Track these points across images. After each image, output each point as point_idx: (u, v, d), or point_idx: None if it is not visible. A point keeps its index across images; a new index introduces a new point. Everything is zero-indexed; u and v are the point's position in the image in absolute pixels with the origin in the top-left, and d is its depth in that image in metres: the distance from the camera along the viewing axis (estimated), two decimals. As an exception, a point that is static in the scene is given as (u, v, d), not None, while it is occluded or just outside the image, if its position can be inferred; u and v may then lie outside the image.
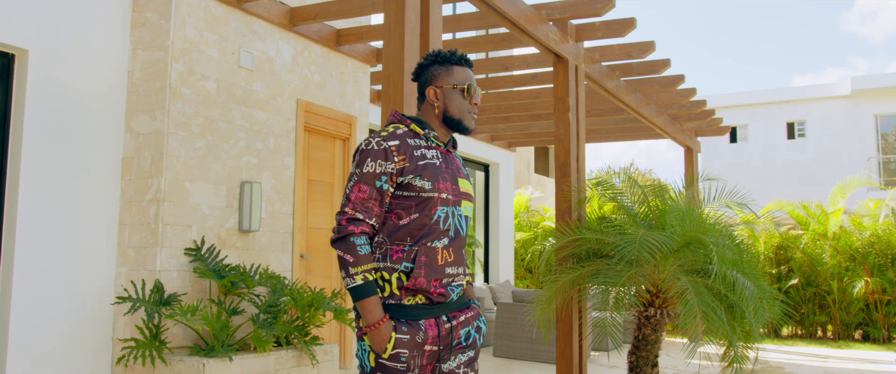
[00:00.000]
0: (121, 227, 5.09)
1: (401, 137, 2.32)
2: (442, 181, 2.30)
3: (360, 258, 2.23)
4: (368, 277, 2.23)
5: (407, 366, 2.22)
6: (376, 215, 2.29)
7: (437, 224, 2.28)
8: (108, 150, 5.08)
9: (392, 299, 2.26)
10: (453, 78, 2.40)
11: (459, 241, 2.36)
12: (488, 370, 7.38)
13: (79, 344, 4.82)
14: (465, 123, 2.41)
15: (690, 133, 10.18)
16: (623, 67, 7.14)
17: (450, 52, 2.44)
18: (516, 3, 5.09)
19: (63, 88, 4.80)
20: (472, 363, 2.39)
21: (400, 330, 2.22)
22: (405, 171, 2.26)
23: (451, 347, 2.32)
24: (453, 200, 2.34)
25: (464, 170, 2.51)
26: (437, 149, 2.38)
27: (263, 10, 5.73)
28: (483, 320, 2.47)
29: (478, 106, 2.46)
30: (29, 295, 4.57)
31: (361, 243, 2.24)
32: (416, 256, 2.24)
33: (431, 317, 2.28)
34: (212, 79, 5.30)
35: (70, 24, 4.85)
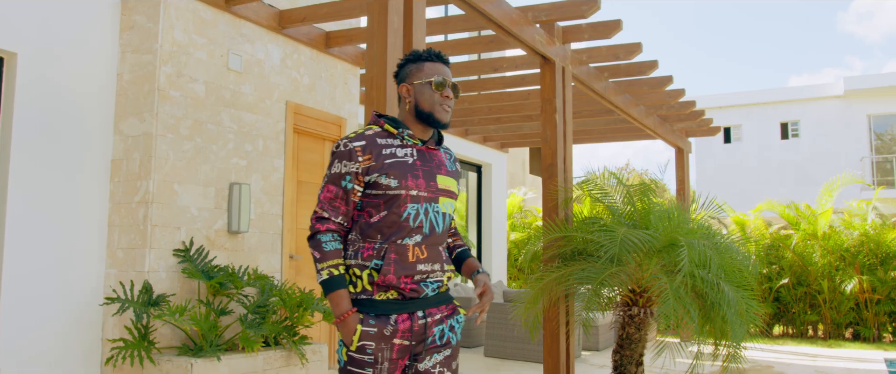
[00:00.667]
0: (110, 228, 5.13)
1: (369, 137, 2.36)
2: (411, 179, 2.33)
3: (326, 255, 2.30)
4: (334, 272, 2.29)
5: (374, 359, 2.26)
6: (343, 213, 2.34)
7: (406, 221, 2.31)
8: (97, 152, 5.12)
9: (364, 295, 2.31)
10: (423, 73, 2.44)
11: (435, 238, 2.38)
12: (479, 369, 7.42)
13: (69, 345, 4.86)
14: (437, 115, 2.41)
15: (681, 134, 10.24)
16: (611, 69, 7.20)
17: (424, 51, 2.48)
18: (501, 5, 5.14)
19: (52, 90, 4.85)
20: (448, 363, 2.41)
21: (367, 323, 2.27)
22: (371, 169, 2.30)
23: (425, 344, 2.35)
24: (427, 197, 2.35)
25: (450, 167, 2.51)
26: (412, 147, 2.40)
27: (252, 13, 5.77)
28: (459, 317, 2.47)
29: (451, 100, 2.44)
30: (18, 297, 4.60)
31: (327, 240, 2.31)
32: (385, 253, 2.28)
33: (404, 312, 2.31)
34: (200, 81, 5.35)
35: (59, 28, 4.89)
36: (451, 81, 2.46)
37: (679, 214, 4.92)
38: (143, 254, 4.93)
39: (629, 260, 4.61)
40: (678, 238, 4.42)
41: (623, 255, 4.40)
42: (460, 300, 9.11)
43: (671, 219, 4.81)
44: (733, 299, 4.41)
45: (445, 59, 2.49)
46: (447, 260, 2.45)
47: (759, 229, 11.29)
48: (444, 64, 2.48)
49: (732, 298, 4.41)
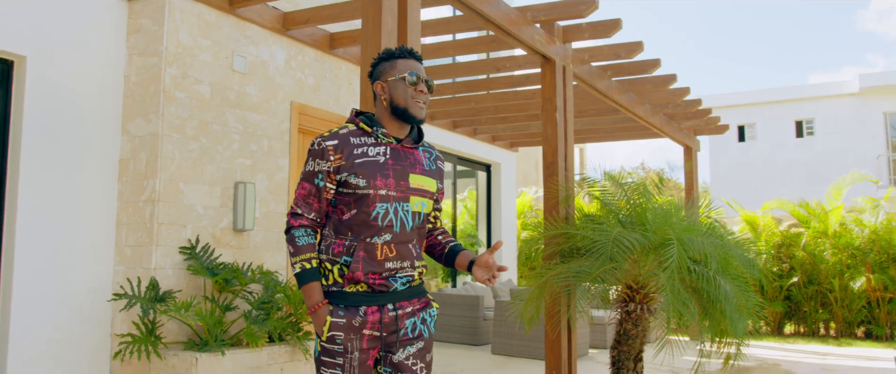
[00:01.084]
0: (118, 226, 5.26)
1: (343, 136, 2.42)
2: (381, 178, 2.37)
3: (300, 249, 2.39)
4: (307, 265, 2.37)
5: (344, 348, 2.33)
6: (316, 210, 2.42)
7: (375, 220, 2.36)
8: (106, 152, 5.25)
9: (335, 287, 2.39)
10: (396, 70, 2.47)
11: (404, 236, 2.42)
12: (485, 366, 7.49)
13: (79, 340, 4.99)
14: (411, 111, 2.44)
15: (689, 132, 10.24)
16: (614, 68, 7.24)
17: (398, 48, 2.53)
18: (499, 6, 5.21)
19: (61, 92, 4.98)
20: (422, 355, 2.46)
21: (336, 314, 2.34)
22: (341, 169, 2.37)
23: (397, 335, 2.41)
24: (397, 196, 2.40)
25: (427, 165, 2.53)
26: (386, 145, 2.45)
27: (256, 15, 5.89)
28: (432, 311, 2.53)
29: (425, 95, 2.47)
30: (29, 293, 4.74)
31: (300, 235, 2.40)
32: (354, 250, 2.35)
33: (374, 305, 2.37)
34: (205, 83, 5.47)
35: (67, 32, 5.03)
36: (425, 77, 2.49)
37: (675, 211, 4.96)
38: (150, 251, 5.06)
39: (625, 257, 4.66)
40: (670, 235, 4.46)
41: (617, 252, 4.45)
42: (470, 299, 9.18)
43: (667, 217, 4.85)
44: (731, 293, 4.44)
45: (418, 55, 2.53)
46: (418, 257, 2.49)
47: (769, 226, 11.25)
48: (417, 60, 2.52)
49: (730, 292, 4.44)
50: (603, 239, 4.49)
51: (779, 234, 11.15)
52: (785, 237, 11.13)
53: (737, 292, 4.52)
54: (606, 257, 4.45)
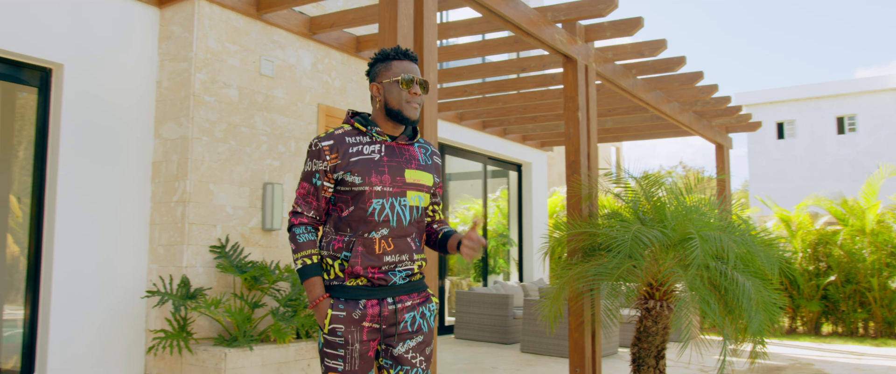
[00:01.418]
0: (151, 226, 5.46)
1: (338, 136, 2.50)
2: (375, 175, 2.44)
3: (301, 246, 2.49)
4: (307, 261, 2.47)
5: (345, 341, 2.42)
6: (315, 208, 2.52)
7: (372, 216, 2.43)
8: (140, 155, 5.46)
9: (336, 281, 2.48)
10: (391, 72, 2.52)
11: (402, 230, 2.48)
12: (514, 365, 7.55)
13: (115, 335, 5.20)
14: (405, 112, 2.50)
15: (720, 130, 10.14)
16: (639, 66, 7.23)
17: (393, 49, 2.58)
18: (518, 7, 5.27)
19: (97, 98, 5.20)
20: (422, 348, 2.54)
21: (336, 307, 2.43)
22: (338, 168, 2.46)
23: (396, 328, 2.49)
24: (393, 191, 2.46)
25: (423, 160, 2.59)
26: (381, 143, 2.53)
27: (283, 20, 6.04)
28: (432, 306, 2.60)
29: (419, 96, 2.52)
30: (69, 291, 4.96)
31: (301, 233, 2.50)
32: (353, 246, 2.44)
33: (374, 298, 2.46)
34: (234, 86, 5.64)
35: (103, 40, 5.24)
36: (419, 78, 2.54)
37: (694, 209, 4.96)
38: (181, 250, 5.24)
39: (644, 254, 4.68)
40: (690, 232, 4.47)
41: (637, 250, 4.48)
42: (499, 298, 9.24)
43: (687, 214, 4.85)
44: (750, 291, 4.43)
45: (414, 56, 2.59)
46: (417, 250, 2.56)
47: (804, 225, 11.07)
48: (412, 61, 2.57)
49: (749, 290, 4.43)
50: (622, 236, 4.52)
51: (815, 232, 10.96)
52: (821, 235, 10.94)
53: (758, 289, 4.50)
54: (625, 254, 4.48)
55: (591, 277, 4.80)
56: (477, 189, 11.73)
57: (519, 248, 12.15)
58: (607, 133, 10.81)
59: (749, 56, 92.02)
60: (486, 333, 9.28)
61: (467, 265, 13.35)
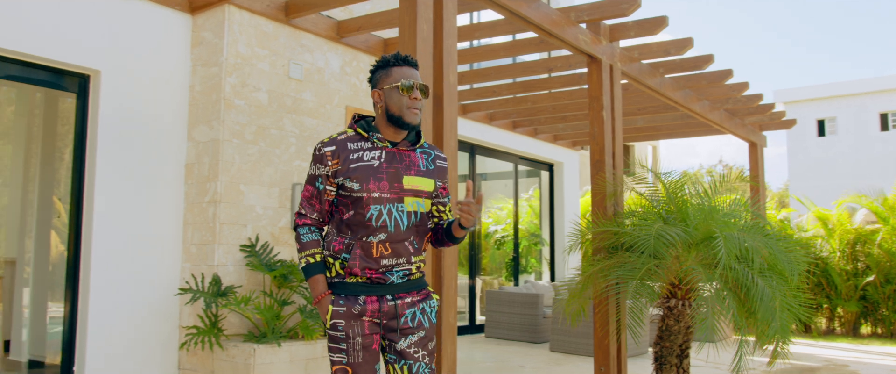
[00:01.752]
0: (185, 226, 5.64)
1: (340, 142, 2.57)
2: (374, 182, 2.51)
3: (305, 245, 2.60)
4: (311, 260, 2.58)
5: (345, 334, 2.52)
6: (318, 210, 2.62)
7: (370, 221, 2.51)
8: (174, 157, 5.64)
9: (337, 278, 2.58)
10: (391, 78, 2.58)
11: (399, 235, 2.55)
12: (540, 363, 7.58)
13: (151, 332, 5.39)
14: (406, 118, 2.55)
15: (754, 128, 10.02)
16: (667, 65, 7.21)
17: (394, 55, 2.64)
18: (540, 8, 5.31)
19: (133, 103, 5.39)
20: (424, 343, 2.62)
21: (337, 303, 2.54)
22: (338, 173, 2.54)
23: (398, 324, 2.58)
24: (391, 198, 2.53)
25: (424, 166, 2.64)
26: (382, 149, 2.57)
27: (311, 24, 6.18)
28: (432, 302, 2.68)
29: (420, 101, 2.57)
30: (106, 289, 5.16)
31: (305, 233, 2.61)
32: (352, 248, 2.54)
33: (373, 295, 2.55)
34: (263, 90, 5.79)
35: (138, 47, 5.43)
36: (420, 83, 2.59)
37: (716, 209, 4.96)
38: (213, 249, 5.41)
39: (667, 254, 4.69)
40: (713, 231, 4.47)
41: (660, 248, 4.50)
42: (529, 298, 9.27)
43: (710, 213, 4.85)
44: (766, 291, 4.41)
45: (414, 62, 2.64)
46: (415, 252, 2.62)
47: (842, 223, 10.86)
48: (413, 67, 2.63)
49: (765, 290, 4.42)
50: (644, 235, 4.54)
51: (852, 231, 10.75)
52: (859, 234, 10.72)
53: (778, 290, 4.48)
54: (647, 253, 4.50)
55: (614, 275, 4.83)
56: (510, 189, 11.77)
57: (551, 247, 12.16)
58: (639, 132, 10.76)
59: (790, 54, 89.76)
60: (516, 332, 9.32)
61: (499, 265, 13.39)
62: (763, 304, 4.44)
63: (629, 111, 9.41)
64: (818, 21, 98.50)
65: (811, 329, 10.91)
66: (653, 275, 4.80)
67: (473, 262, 10.48)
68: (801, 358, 8.38)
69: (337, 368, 2.56)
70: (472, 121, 9.82)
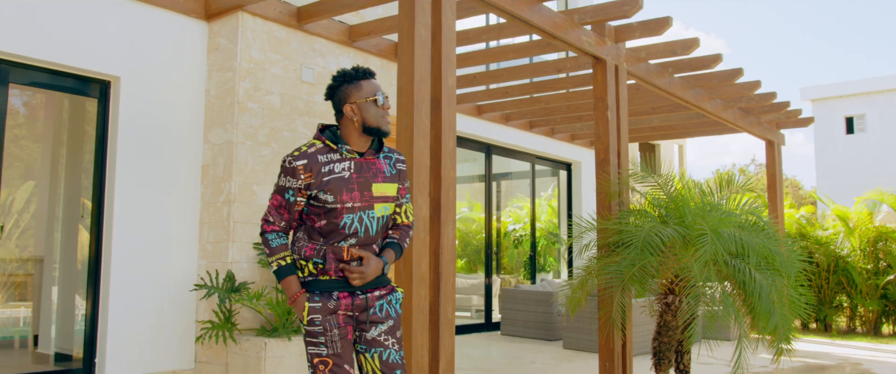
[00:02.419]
0: (201, 225, 5.87)
1: (311, 155, 2.70)
2: (346, 193, 2.68)
3: (274, 250, 2.75)
4: (282, 263, 2.74)
5: (323, 329, 2.69)
6: (286, 219, 2.77)
7: (343, 229, 2.69)
8: (191, 159, 5.88)
9: (310, 277, 2.75)
10: (364, 92, 2.73)
11: (368, 239, 2.74)
12: (551, 359, 7.70)
13: (169, 326, 5.63)
14: (383, 128, 2.74)
15: (770, 126, 10.00)
16: (676, 64, 7.27)
17: (354, 70, 2.80)
18: (542, 11, 5.44)
19: (152, 107, 5.63)
20: (392, 332, 2.81)
21: (313, 300, 2.70)
22: (311, 186, 2.68)
23: (367, 316, 2.76)
24: (361, 206, 2.71)
25: (389, 172, 2.81)
26: (350, 160, 2.73)
27: (323, 29, 6.38)
28: (397, 295, 2.86)
29: (389, 109, 2.78)
30: (126, 286, 5.41)
31: (273, 238, 2.76)
32: (325, 253, 2.71)
33: (346, 291, 2.73)
34: (276, 94, 6.00)
35: (156, 53, 5.68)
36: (386, 94, 2.80)
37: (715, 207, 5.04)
38: (227, 247, 5.63)
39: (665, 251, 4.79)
40: (703, 228, 4.56)
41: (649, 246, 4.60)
42: (544, 295, 9.37)
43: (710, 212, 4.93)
44: (766, 288, 4.49)
45: (373, 73, 2.82)
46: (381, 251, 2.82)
47: (863, 221, 10.77)
48: (375, 78, 2.81)
49: (764, 286, 4.49)
50: (636, 233, 4.65)
51: (873, 229, 10.66)
52: (880, 232, 10.63)
53: (773, 285, 4.55)
54: (638, 249, 4.61)
55: (611, 271, 4.94)
56: (528, 189, 11.88)
57: (569, 246, 12.23)
58: (655, 131, 10.80)
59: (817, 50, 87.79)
60: (531, 329, 9.44)
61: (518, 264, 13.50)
62: (759, 299, 4.51)
63: (643, 111, 9.47)
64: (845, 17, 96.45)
65: (831, 328, 10.85)
66: (647, 272, 4.90)
67: (490, 261, 10.61)
68: (816, 356, 8.37)
69: (317, 360, 2.72)
70: (487, 121, 9.95)
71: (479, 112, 9.74)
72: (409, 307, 4.07)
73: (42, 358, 6.20)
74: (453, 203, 4.41)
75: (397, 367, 2.80)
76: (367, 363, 2.78)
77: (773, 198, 9.98)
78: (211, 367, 5.61)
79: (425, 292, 4.16)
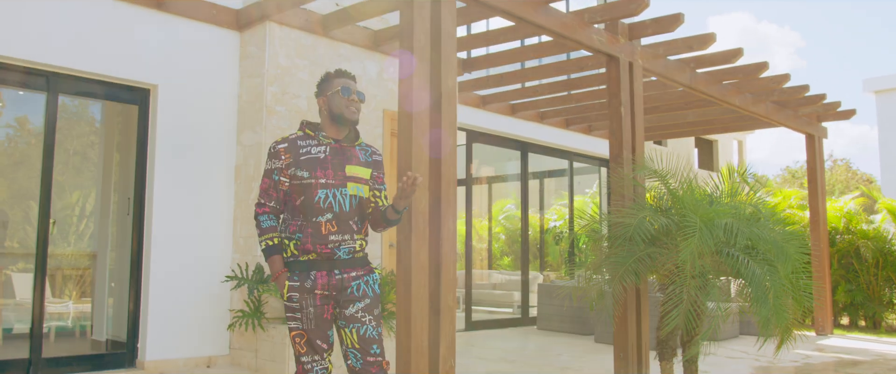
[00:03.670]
0: (234, 221, 6.30)
1: (292, 140, 3.12)
2: (320, 170, 3.02)
3: (264, 230, 3.10)
4: (269, 242, 3.08)
5: (299, 305, 3.02)
6: (275, 198, 3.12)
7: (318, 203, 3.01)
8: (225, 160, 6.32)
9: (292, 258, 3.07)
10: (332, 86, 3.14)
11: (343, 215, 3.04)
12: (579, 353, 7.85)
13: (205, 315, 6.07)
14: (346, 115, 3.11)
15: (810, 119, 9.86)
16: (698, 60, 7.32)
17: (333, 71, 3.23)
18: (550, 13, 5.63)
19: (188, 113, 6.09)
20: (370, 309, 3.10)
21: (292, 279, 3.03)
22: (290, 165, 3.06)
23: (345, 295, 3.05)
24: (335, 183, 3.03)
25: (363, 158, 3.17)
26: (326, 145, 3.10)
27: (348, 35, 6.73)
28: (374, 276, 3.16)
29: (356, 103, 3.14)
30: (166, 278, 5.88)
31: (264, 219, 3.11)
32: (304, 229, 3.02)
33: (322, 270, 3.03)
34: (303, 97, 6.38)
35: (192, 62, 6.13)
36: (356, 89, 3.16)
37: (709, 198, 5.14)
38: (256, 242, 6.03)
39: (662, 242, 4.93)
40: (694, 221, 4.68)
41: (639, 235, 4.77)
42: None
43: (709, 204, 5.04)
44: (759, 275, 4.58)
45: (351, 74, 3.21)
46: (358, 231, 3.11)
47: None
48: (349, 78, 3.19)
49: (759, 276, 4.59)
50: (630, 224, 4.81)
51: (922, 223, 10.38)
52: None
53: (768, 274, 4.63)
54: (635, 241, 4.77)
55: (611, 263, 5.11)
56: (566, 186, 12.00)
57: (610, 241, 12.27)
58: (692, 127, 10.77)
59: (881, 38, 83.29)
60: (566, 324, 9.59)
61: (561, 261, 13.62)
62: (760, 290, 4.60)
63: (677, 106, 9.50)
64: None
65: (880, 325, 10.60)
66: (644, 263, 5.04)
67: (526, 257, 10.80)
68: (852, 352, 8.25)
69: (294, 333, 3.07)
70: (522, 120, 10.14)
71: (512, 111, 9.95)
72: (408, 295, 4.35)
73: (97, 345, 6.75)
74: (454, 198, 4.67)
75: (374, 342, 3.08)
76: (347, 337, 3.08)
77: (813, 192, 9.85)
78: (243, 353, 6.03)
79: (424, 280, 4.43)
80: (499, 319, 10.48)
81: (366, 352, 3.04)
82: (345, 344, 3.09)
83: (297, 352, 3.08)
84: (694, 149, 21.22)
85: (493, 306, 11.83)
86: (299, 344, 3.06)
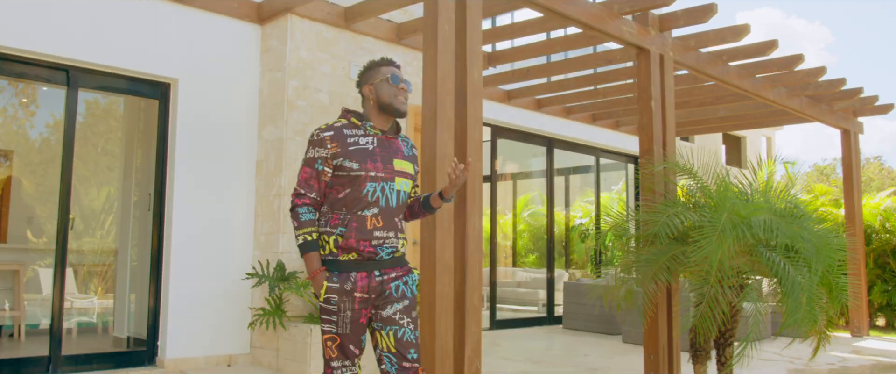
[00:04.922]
0: (255, 218, 6.21)
1: (337, 128, 2.91)
2: (371, 162, 2.84)
3: (302, 223, 2.88)
4: (308, 237, 2.86)
5: (337, 308, 2.83)
6: (317, 190, 2.91)
7: (365, 197, 2.83)
8: (246, 155, 6.22)
9: (330, 256, 2.87)
10: (380, 74, 2.98)
11: (390, 211, 2.88)
12: (607, 353, 7.67)
13: (225, 312, 5.98)
14: (396, 105, 2.94)
15: (845, 114, 9.56)
16: (730, 53, 7.09)
17: (378, 58, 3.07)
18: (578, 3, 5.45)
19: (209, 106, 6.00)
20: (408, 311, 2.91)
21: (331, 280, 2.83)
22: (337, 155, 2.85)
23: (383, 296, 2.88)
24: (384, 177, 2.86)
25: (406, 152, 3.02)
26: (373, 136, 2.93)
27: (371, 28, 6.60)
28: (413, 276, 2.98)
29: (405, 92, 2.97)
30: (186, 274, 5.79)
31: (303, 212, 2.89)
32: (348, 222, 2.84)
33: (363, 271, 2.85)
34: (324, 91, 6.27)
35: (213, 56, 6.04)
36: (404, 78, 3.01)
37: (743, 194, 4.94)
38: (277, 238, 5.93)
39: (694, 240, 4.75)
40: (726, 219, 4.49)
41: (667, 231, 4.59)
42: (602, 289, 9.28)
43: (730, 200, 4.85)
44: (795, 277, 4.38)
45: (396, 63, 3.05)
46: (401, 229, 2.95)
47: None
48: (396, 66, 3.03)
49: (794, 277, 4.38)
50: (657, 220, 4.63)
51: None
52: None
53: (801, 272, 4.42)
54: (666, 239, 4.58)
55: (642, 261, 4.93)
56: (592, 183, 11.79)
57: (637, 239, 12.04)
58: (723, 122, 10.51)
59: None
60: (592, 323, 9.40)
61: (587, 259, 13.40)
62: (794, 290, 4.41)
63: (708, 101, 9.25)
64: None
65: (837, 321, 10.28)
66: (679, 261, 4.85)
67: (552, 255, 10.62)
68: (889, 355, 7.98)
69: (327, 336, 2.89)
70: (547, 115, 9.95)
71: (538, 106, 9.76)
72: (433, 294, 4.21)
73: (118, 342, 6.70)
74: (479, 194, 4.52)
75: (411, 345, 2.89)
76: (382, 340, 2.87)
77: (848, 190, 9.55)
78: (264, 352, 5.93)
79: (449, 279, 4.29)
80: (524, 317, 10.31)
81: (402, 356, 2.85)
82: (379, 348, 2.90)
83: (327, 355, 2.90)
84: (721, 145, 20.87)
85: (518, 304, 11.66)
86: (331, 348, 2.88)
